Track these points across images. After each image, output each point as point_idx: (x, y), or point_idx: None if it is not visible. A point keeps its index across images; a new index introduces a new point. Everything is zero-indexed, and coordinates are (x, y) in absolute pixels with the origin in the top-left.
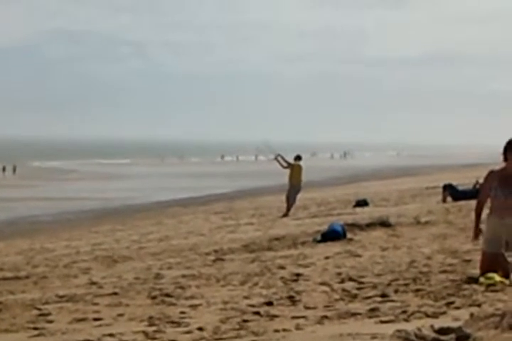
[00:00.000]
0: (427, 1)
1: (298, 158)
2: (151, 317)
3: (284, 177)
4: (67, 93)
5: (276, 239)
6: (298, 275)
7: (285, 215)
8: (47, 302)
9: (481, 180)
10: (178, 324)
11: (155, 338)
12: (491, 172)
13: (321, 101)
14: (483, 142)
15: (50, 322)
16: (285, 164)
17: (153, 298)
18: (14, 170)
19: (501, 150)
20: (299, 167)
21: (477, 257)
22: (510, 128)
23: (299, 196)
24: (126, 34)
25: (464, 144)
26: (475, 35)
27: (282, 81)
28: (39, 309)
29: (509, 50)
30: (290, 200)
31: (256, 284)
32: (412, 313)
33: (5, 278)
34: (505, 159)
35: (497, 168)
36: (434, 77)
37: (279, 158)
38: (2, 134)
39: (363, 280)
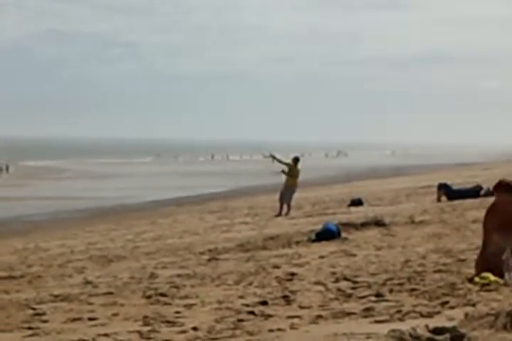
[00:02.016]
0: (421, 2)
1: (296, 159)
2: (145, 317)
3: (278, 176)
4: (59, 94)
5: (271, 238)
6: (292, 274)
7: (279, 215)
8: (41, 302)
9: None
10: (173, 323)
11: (150, 338)
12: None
13: (314, 101)
14: (476, 141)
15: (45, 321)
16: (284, 161)
17: (148, 297)
18: (7, 169)
19: (495, 149)
20: (297, 168)
21: (472, 256)
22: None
23: (294, 196)
24: (119, 35)
25: (457, 143)
26: (466, 36)
27: (275, 82)
28: (34, 309)
29: (501, 49)
30: (285, 200)
31: (251, 284)
32: (407, 313)
33: None
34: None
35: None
36: (426, 78)
37: (278, 158)
38: None
39: (357, 279)
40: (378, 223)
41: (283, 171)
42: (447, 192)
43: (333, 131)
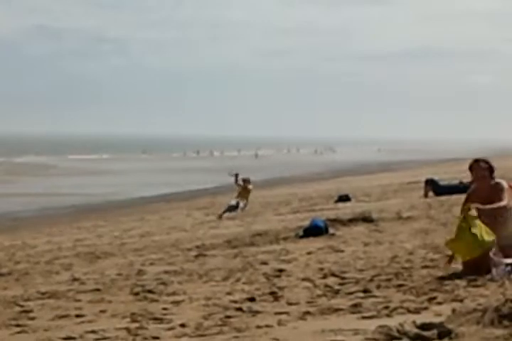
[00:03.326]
0: None
1: (247, 181)
2: (133, 314)
3: (266, 172)
4: (47, 90)
5: (259, 234)
6: (280, 270)
7: (220, 216)
8: (29, 299)
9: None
10: (161, 320)
11: (137, 334)
12: (470, 196)
13: (301, 97)
14: (463, 136)
15: (32, 319)
16: (239, 183)
17: (136, 294)
18: None
19: (481, 144)
20: (248, 189)
21: None
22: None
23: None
24: (108, 31)
25: (443, 139)
26: (455, 30)
27: (264, 77)
28: (21, 306)
29: (488, 44)
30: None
31: (238, 280)
32: (394, 309)
33: None
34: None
35: (470, 190)
36: (414, 73)
37: (238, 178)
38: None
39: (345, 275)
40: (366, 219)
41: (236, 176)
42: (434, 187)
43: (321, 126)
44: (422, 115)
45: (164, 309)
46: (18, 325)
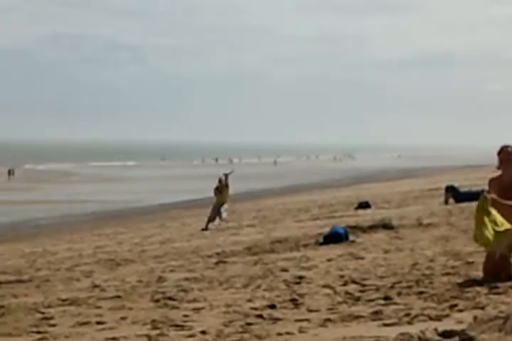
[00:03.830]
0: (426, 5)
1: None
2: (154, 321)
3: (285, 179)
4: (65, 97)
5: (279, 241)
6: (301, 277)
7: (204, 229)
8: (49, 306)
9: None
10: (182, 327)
11: None
12: (491, 181)
13: (319, 104)
14: (482, 143)
15: (53, 325)
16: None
17: (156, 301)
18: (13, 173)
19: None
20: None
21: (480, 259)
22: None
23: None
24: (124, 38)
25: (463, 145)
26: (473, 38)
27: (281, 84)
28: (42, 313)
29: (507, 52)
30: (214, 214)
31: (259, 287)
32: (416, 316)
33: (8, 282)
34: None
35: (495, 175)
36: (432, 80)
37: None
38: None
39: (365, 282)
40: (386, 226)
41: (226, 175)
42: (455, 194)
43: (339, 133)
44: (440, 122)
45: (185, 316)
46: (38, 332)
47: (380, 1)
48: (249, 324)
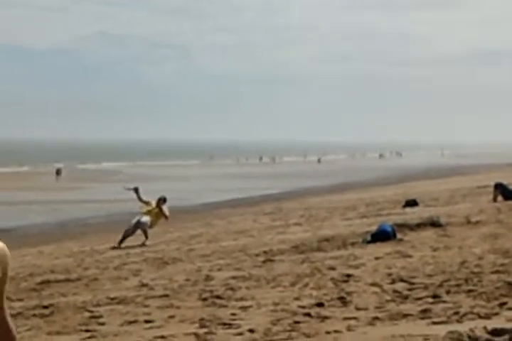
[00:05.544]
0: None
1: (163, 200)
2: (202, 319)
3: (331, 177)
4: (110, 96)
5: (326, 239)
6: (348, 276)
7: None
8: (98, 305)
9: None
10: (229, 325)
11: (206, 340)
12: None
13: (365, 102)
14: None
15: (102, 324)
16: (143, 199)
17: (204, 299)
18: (60, 173)
19: None
20: (159, 212)
21: None
22: None
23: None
24: (168, 37)
25: (509, 142)
26: None
27: (327, 82)
28: (90, 311)
29: None
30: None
31: (306, 285)
32: (465, 314)
33: (56, 281)
34: None
35: None
36: (479, 76)
37: (137, 192)
38: (45, 137)
39: (414, 280)
40: (434, 224)
41: (136, 190)
42: (504, 192)
43: (386, 131)
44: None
45: (232, 314)
46: (87, 330)
47: None
48: (297, 322)
